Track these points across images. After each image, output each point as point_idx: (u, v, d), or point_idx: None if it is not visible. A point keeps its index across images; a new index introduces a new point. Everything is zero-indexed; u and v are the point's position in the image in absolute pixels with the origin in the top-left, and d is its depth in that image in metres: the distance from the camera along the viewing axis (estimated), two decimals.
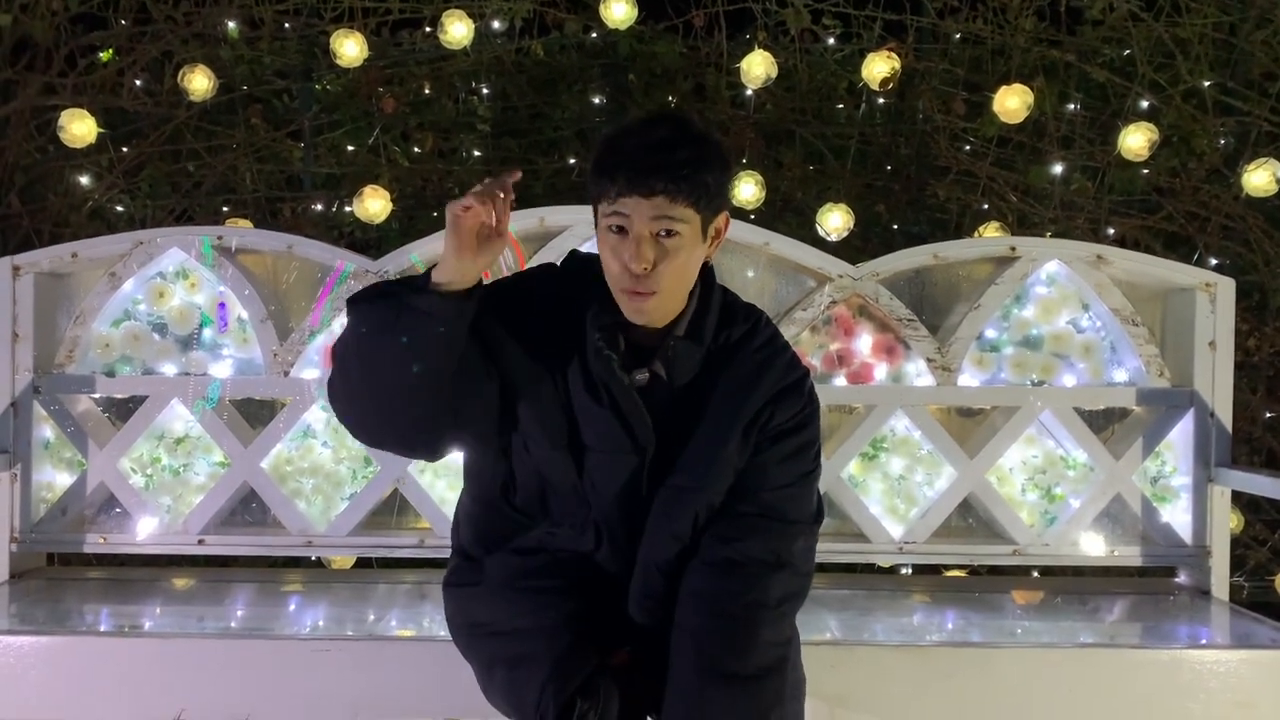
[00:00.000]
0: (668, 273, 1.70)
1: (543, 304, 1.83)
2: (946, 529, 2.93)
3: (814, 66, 3.85)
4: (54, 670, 2.35)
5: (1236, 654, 2.39)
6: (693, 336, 1.80)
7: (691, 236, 1.71)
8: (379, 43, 3.77)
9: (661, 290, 1.72)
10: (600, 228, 1.74)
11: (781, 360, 1.86)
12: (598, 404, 1.78)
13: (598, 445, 1.80)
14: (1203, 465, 2.86)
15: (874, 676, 2.38)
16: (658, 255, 1.69)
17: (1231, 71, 3.76)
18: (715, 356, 1.83)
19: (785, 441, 1.84)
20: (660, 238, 1.69)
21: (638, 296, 1.72)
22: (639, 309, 1.74)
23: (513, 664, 1.79)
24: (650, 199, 1.66)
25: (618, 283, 1.73)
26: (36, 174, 3.76)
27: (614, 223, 1.70)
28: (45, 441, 2.89)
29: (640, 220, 1.67)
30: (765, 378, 1.83)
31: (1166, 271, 2.90)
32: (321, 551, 2.92)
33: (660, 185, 1.66)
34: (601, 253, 1.75)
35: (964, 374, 2.89)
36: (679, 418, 1.81)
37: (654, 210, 1.67)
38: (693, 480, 1.80)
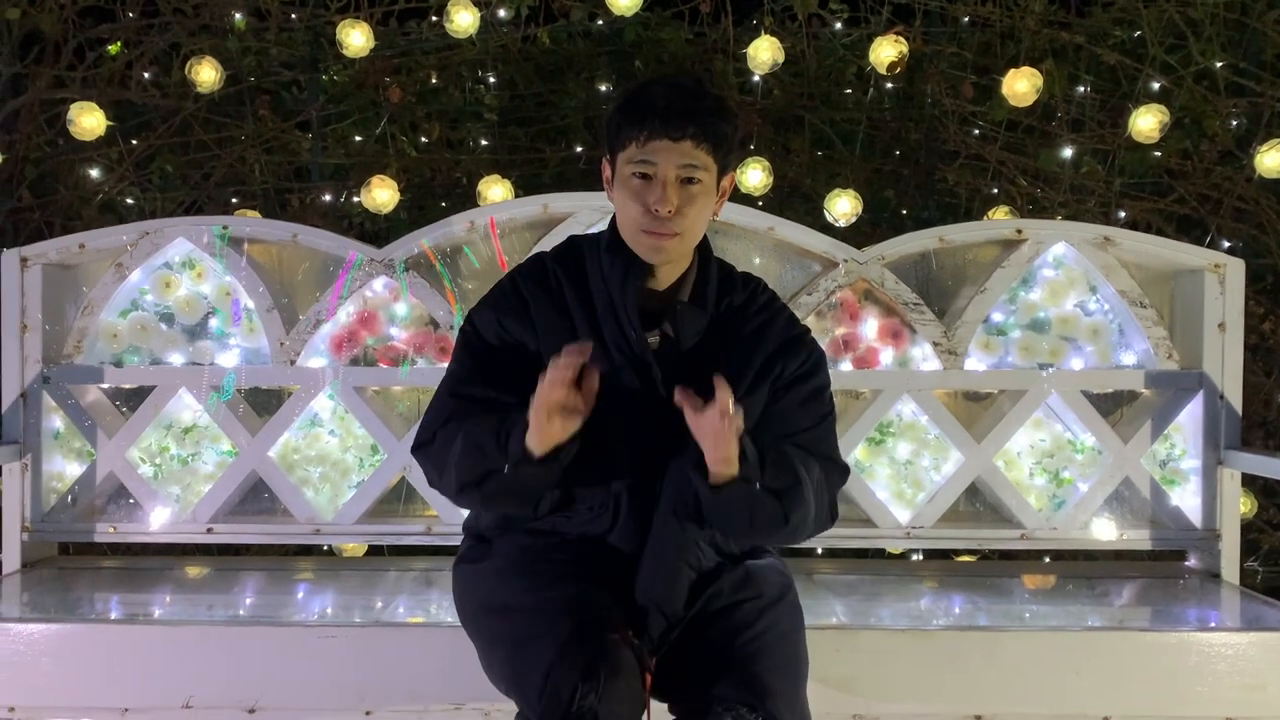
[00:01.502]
0: (690, 215, 1.80)
1: (545, 288, 1.89)
2: (954, 514, 2.92)
3: (821, 52, 3.82)
4: (65, 658, 2.37)
5: (1245, 636, 2.38)
6: (697, 302, 1.88)
7: (709, 185, 1.81)
8: (385, 33, 3.77)
9: (683, 232, 1.81)
10: (621, 176, 1.82)
11: (781, 318, 1.95)
12: (612, 363, 1.82)
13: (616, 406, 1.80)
14: (1212, 448, 2.84)
15: (880, 661, 2.38)
16: (682, 199, 1.78)
17: (1244, 52, 3.72)
18: (718, 323, 1.90)
19: (800, 387, 1.92)
20: (684, 184, 1.78)
21: (659, 236, 1.80)
22: (658, 246, 1.81)
23: (516, 645, 1.78)
24: (679, 143, 1.76)
25: (638, 224, 1.80)
26: (47, 167, 3.79)
27: (639, 169, 1.79)
28: (55, 432, 2.92)
29: (667, 164, 1.77)
30: (769, 334, 1.91)
31: (1174, 253, 2.88)
32: (329, 539, 2.94)
33: (690, 129, 1.76)
34: (621, 200, 1.83)
35: (971, 358, 2.88)
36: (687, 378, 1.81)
37: (680, 154, 1.77)
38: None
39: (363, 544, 3.17)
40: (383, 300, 2.92)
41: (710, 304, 1.89)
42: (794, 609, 1.94)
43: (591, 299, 1.87)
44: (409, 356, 2.89)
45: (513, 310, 1.88)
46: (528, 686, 1.73)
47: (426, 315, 2.90)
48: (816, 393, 1.93)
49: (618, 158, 1.82)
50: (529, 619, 1.79)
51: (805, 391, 1.92)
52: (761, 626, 1.83)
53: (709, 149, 1.78)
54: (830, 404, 1.96)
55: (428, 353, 2.88)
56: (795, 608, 1.95)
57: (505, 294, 1.90)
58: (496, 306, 1.89)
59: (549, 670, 1.70)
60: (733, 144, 1.84)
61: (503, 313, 1.88)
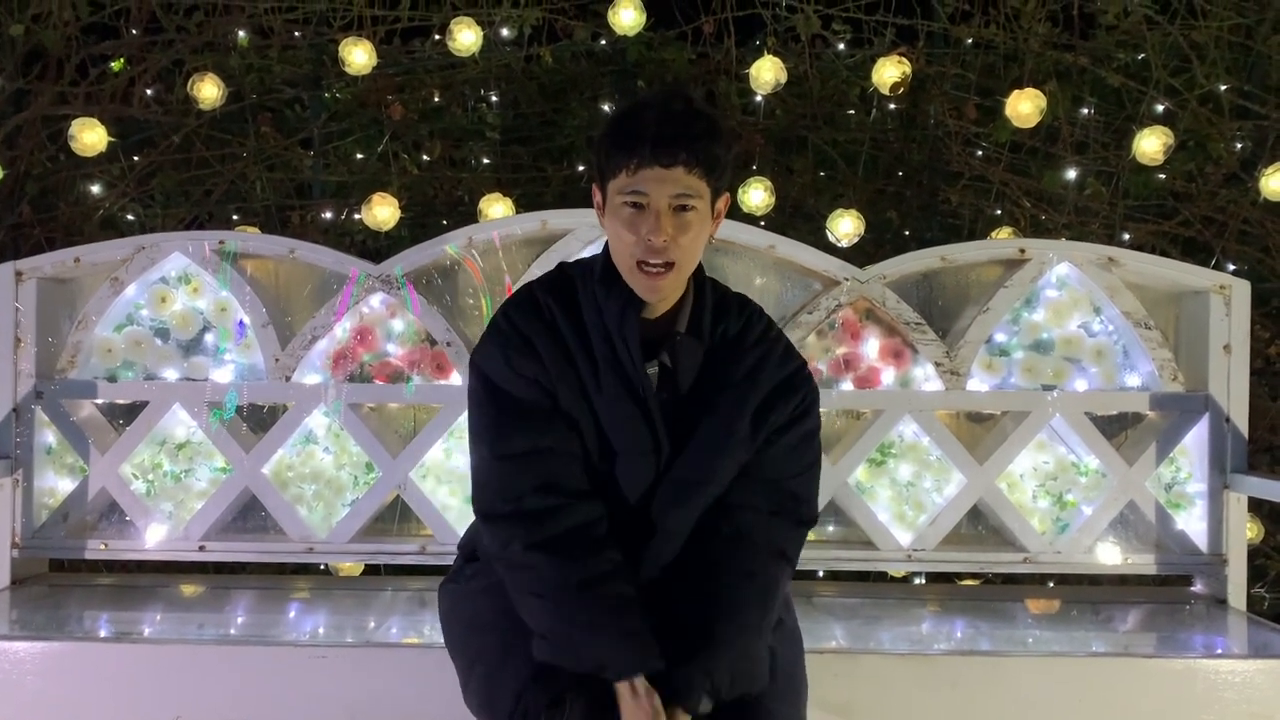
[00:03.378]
0: (685, 244, 1.74)
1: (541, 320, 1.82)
2: (956, 536, 2.88)
3: (824, 72, 3.81)
4: (52, 676, 2.35)
5: (1253, 664, 2.34)
6: (694, 333, 1.83)
7: (703, 211, 1.76)
8: (388, 51, 3.77)
9: (679, 263, 1.75)
10: (613, 205, 1.76)
11: (777, 352, 1.89)
12: (611, 399, 1.78)
13: (623, 446, 1.79)
14: (1218, 471, 2.80)
15: (881, 686, 2.35)
16: (676, 228, 1.72)
17: (1248, 75, 3.70)
18: (713, 355, 1.85)
19: (792, 431, 1.86)
20: (677, 211, 1.72)
21: (653, 272, 1.74)
22: (653, 286, 1.76)
23: (493, 665, 1.76)
24: (670, 169, 1.70)
25: (632, 255, 1.74)
26: (48, 183, 3.77)
27: (631, 199, 1.72)
28: (47, 447, 2.89)
29: (659, 194, 1.71)
30: (765, 371, 1.85)
31: (1179, 274, 2.85)
32: (323, 558, 2.91)
33: (682, 155, 1.69)
34: (613, 230, 1.77)
35: (973, 378, 2.85)
36: (683, 415, 1.81)
37: (673, 183, 1.71)
38: (699, 474, 1.80)
39: (358, 563, 3.13)
40: (379, 316, 2.89)
41: (706, 334, 1.84)
42: (793, 635, 1.92)
43: (586, 330, 1.81)
44: (406, 374, 2.86)
45: (517, 348, 1.79)
46: (498, 706, 1.70)
47: (424, 331, 2.87)
48: (806, 439, 1.89)
49: (608, 185, 1.76)
50: (509, 639, 1.76)
51: (796, 437, 1.87)
52: None
53: (701, 173, 1.72)
54: (817, 450, 1.92)
55: (424, 370, 2.86)
56: (795, 634, 1.92)
57: (504, 333, 1.81)
58: (501, 346, 1.80)
59: (520, 692, 1.68)
60: (726, 165, 1.77)
61: (509, 352, 1.79)
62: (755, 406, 1.82)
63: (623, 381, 1.78)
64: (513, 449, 1.76)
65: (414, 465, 2.82)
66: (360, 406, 2.85)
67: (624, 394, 1.78)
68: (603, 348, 1.79)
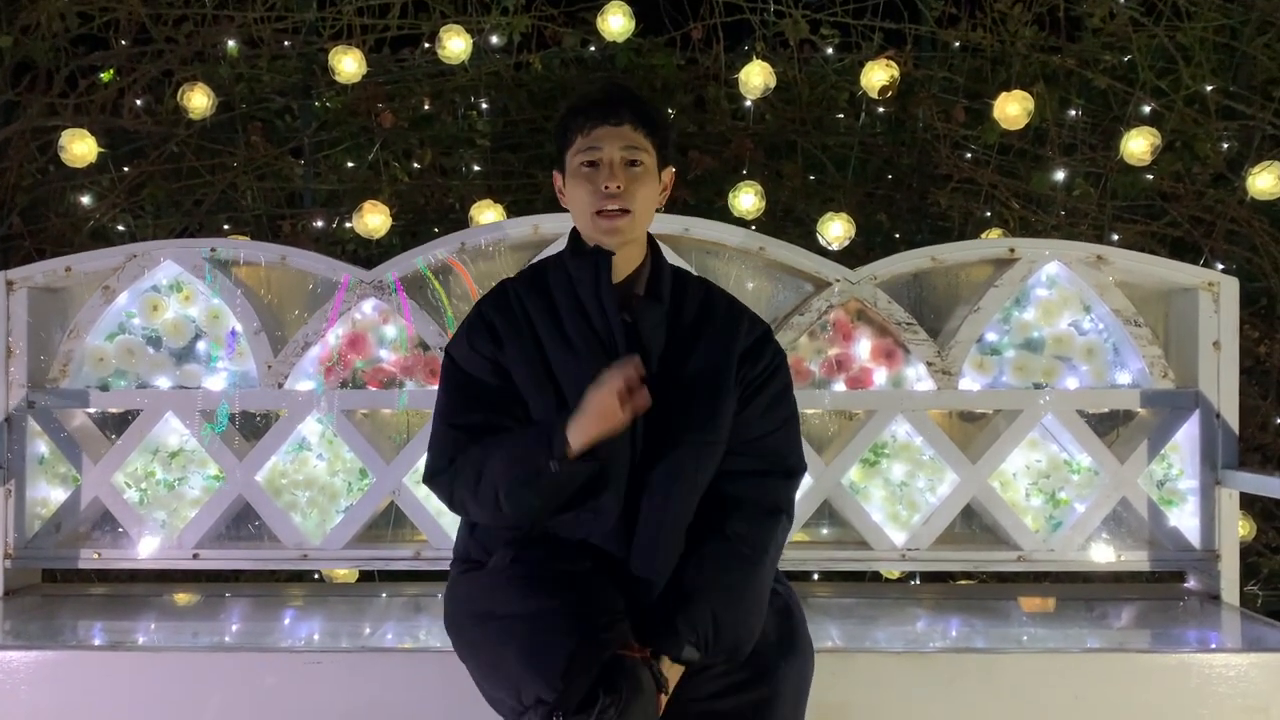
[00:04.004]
0: (638, 194, 1.93)
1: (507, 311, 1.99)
2: (950, 535, 2.88)
3: (813, 77, 3.83)
4: (47, 685, 2.34)
5: (1247, 658, 2.35)
6: (654, 295, 1.98)
7: (650, 168, 1.95)
8: (378, 59, 3.78)
9: (634, 211, 1.92)
10: (572, 170, 1.95)
11: (745, 318, 2.05)
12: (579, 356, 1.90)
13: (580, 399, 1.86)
14: (1209, 468, 2.82)
15: (876, 684, 2.35)
16: (627, 179, 1.91)
17: (1234, 76, 3.73)
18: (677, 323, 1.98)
19: (765, 390, 2.00)
20: (628, 166, 1.92)
21: (611, 214, 1.91)
22: (613, 227, 1.92)
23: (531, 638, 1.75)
24: (619, 127, 1.92)
25: (591, 207, 1.92)
26: (38, 194, 3.77)
27: (586, 158, 1.93)
28: (39, 457, 2.89)
29: (611, 147, 1.91)
30: (737, 335, 2.00)
31: (1168, 271, 2.87)
32: (317, 564, 2.90)
33: (626, 113, 1.92)
34: (573, 192, 1.96)
35: (965, 378, 2.86)
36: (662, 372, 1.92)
37: (622, 137, 1.92)
38: (713, 434, 1.93)
39: (352, 569, 3.12)
40: (372, 322, 2.90)
41: (665, 296, 1.98)
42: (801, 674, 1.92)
43: (557, 309, 1.96)
44: (399, 379, 2.86)
45: (479, 332, 1.97)
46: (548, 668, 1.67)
47: (416, 337, 2.87)
48: (779, 396, 2.02)
49: (566, 157, 1.96)
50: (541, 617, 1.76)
51: (769, 396, 2.00)
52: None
53: (646, 132, 1.93)
54: (792, 405, 2.05)
55: (417, 375, 2.86)
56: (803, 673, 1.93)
57: (474, 323, 2.00)
58: (468, 335, 1.99)
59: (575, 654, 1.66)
60: (668, 134, 1.99)
61: (474, 339, 1.97)
62: (735, 363, 1.97)
63: (594, 340, 1.92)
64: (464, 420, 1.94)
65: (408, 471, 2.82)
66: (354, 413, 2.85)
67: (598, 350, 1.90)
68: (573, 317, 1.94)
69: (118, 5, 3.71)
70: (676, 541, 1.87)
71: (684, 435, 1.90)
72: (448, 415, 1.96)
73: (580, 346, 1.91)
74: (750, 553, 1.88)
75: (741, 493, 1.93)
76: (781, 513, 1.96)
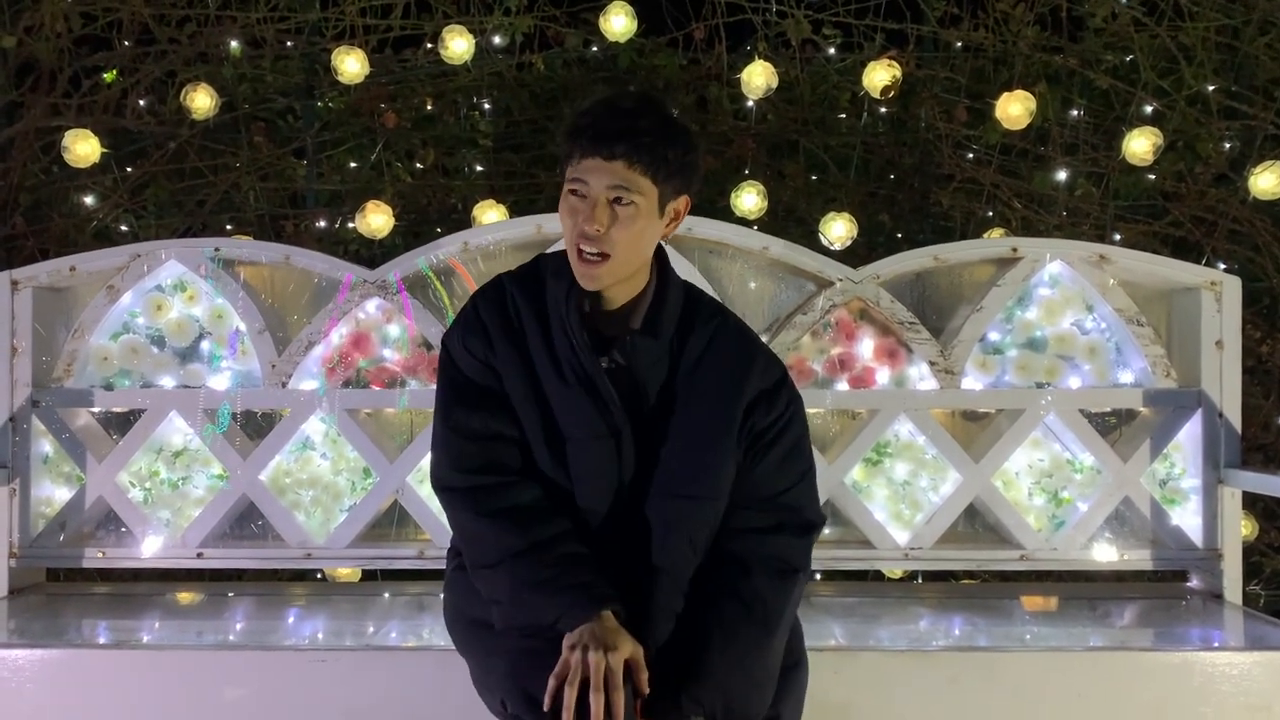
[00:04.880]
0: (619, 239, 1.76)
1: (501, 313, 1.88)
2: (953, 534, 2.88)
3: (815, 77, 3.84)
4: (52, 684, 2.35)
5: (1250, 656, 2.35)
6: (649, 331, 1.85)
7: (647, 209, 1.77)
8: (381, 60, 3.79)
9: (613, 256, 1.77)
10: (563, 193, 1.81)
11: (760, 360, 1.90)
12: (565, 384, 1.82)
13: (575, 431, 1.82)
14: (1212, 467, 2.82)
15: (879, 683, 2.35)
16: (611, 220, 1.75)
17: (1235, 76, 3.73)
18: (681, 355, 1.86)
19: (779, 444, 1.87)
20: (615, 204, 1.75)
21: (589, 261, 1.78)
22: (590, 274, 1.79)
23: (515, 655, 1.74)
24: (610, 163, 1.73)
25: (571, 241, 1.79)
26: (41, 195, 3.78)
27: (575, 186, 1.77)
28: (44, 456, 2.89)
29: (598, 183, 1.75)
30: (748, 379, 1.85)
31: (1170, 270, 2.87)
32: (321, 563, 2.91)
33: (620, 150, 1.73)
34: (562, 218, 1.81)
35: (967, 377, 2.86)
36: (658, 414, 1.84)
37: (612, 175, 1.74)
38: (702, 490, 1.81)
39: (355, 568, 3.13)
40: (375, 322, 2.90)
41: (665, 333, 1.85)
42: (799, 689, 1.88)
43: (548, 322, 1.86)
44: (403, 378, 2.87)
45: (474, 331, 1.88)
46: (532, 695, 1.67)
47: (420, 336, 2.88)
48: (795, 448, 1.89)
49: (563, 175, 1.82)
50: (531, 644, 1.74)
51: (784, 449, 1.87)
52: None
53: (643, 170, 1.74)
54: (809, 457, 1.92)
55: (421, 375, 2.86)
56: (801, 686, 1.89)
57: (469, 321, 1.90)
58: (463, 332, 1.89)
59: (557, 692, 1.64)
60: (680, 168, 1.78)
61: (468, 336, 1.88)
62: (739, 416, 1.83)
63: (578, 368, 1.82)
64: (464, 425, 1.85)
65: (411, 470, 2.82)
66: (357, 412, 2.86)
67: (582, 379, 1.81)
68: (560, 336, 1.83)
69: (121, 6, 3.72)
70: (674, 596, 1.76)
71: (672, 489, 1.80)
72: (447, 416, 1.88)
73: (570, 377, 1.82)
74: (764, 620, 1.75)
75: (756, 553, 1.81)
76: (799, 572, 1.84)
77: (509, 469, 1.83)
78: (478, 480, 1.82)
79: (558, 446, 1.83)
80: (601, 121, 1.75)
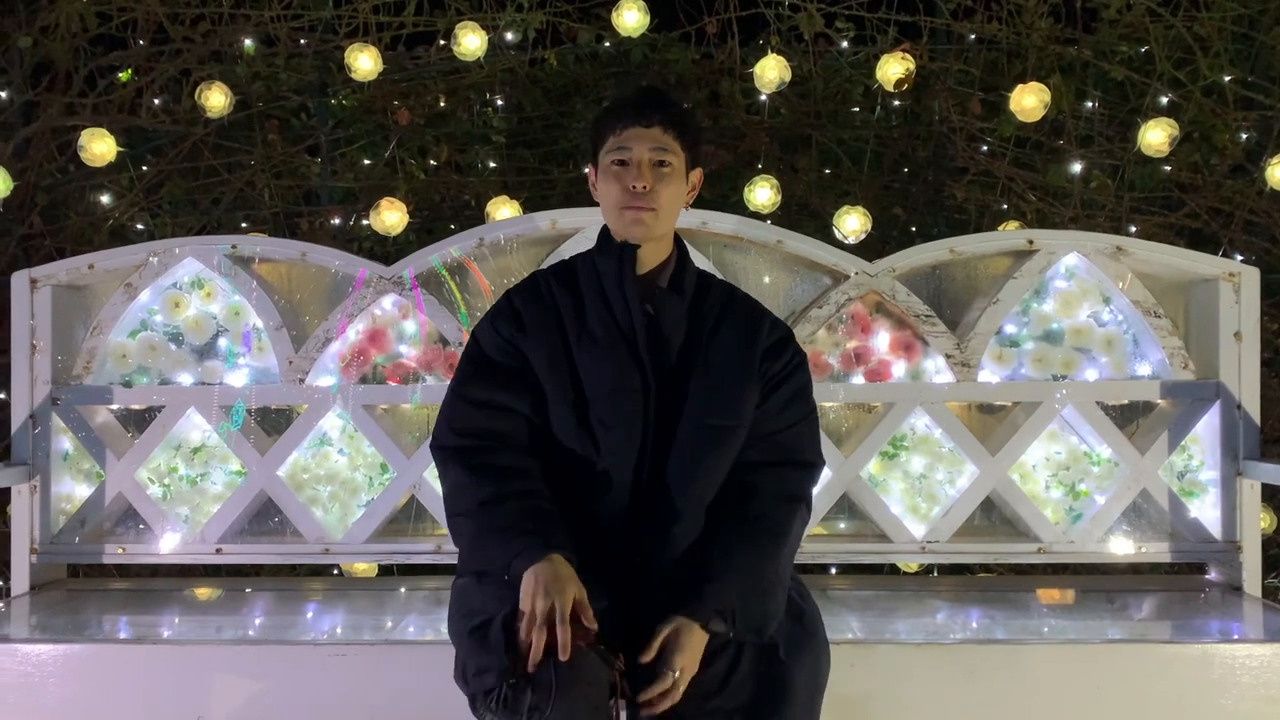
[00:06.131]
0: (663, 194, 1.98)
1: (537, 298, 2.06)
2: (969, 528, 2.88)
3: (828, 70, 3.83)
4: (73, 679, 2.37)
5: (1269, 648, 2.34)
6: (676, 289, 2.04)
7: (679, 169, 2.01)
8: (394, 57, 3.80)
9: (659, 207, 1.98)
10: (603, 168, 2.02)
11: (768, 320, 2.11)
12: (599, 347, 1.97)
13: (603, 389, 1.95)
14: (1230, 459, 2.81)
15: (897, 676, 2.35)
16: (654, 179, 1.97)
17: (1252, 66, 3.72)
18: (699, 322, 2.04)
19: (784, 387, 2.05)
20: (656, 166, 1.98)
21: (638, 210, 1.97)
22: (638, 219, 1.97)
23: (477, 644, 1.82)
24: (649, 129, 1.98)
25: (619, 203, 1.98)
26: (58, 194, 3.81)
27: (617, 157, 1.99)
28: (64, 453, 2.91)
29: (640, 148, 1.97)
30: (760, 332, 2.06)
31: (1188, 262, 2.86)
32: (339, 559, 2.91)
33: (658, 117, 1.98)
34: (604, 188, 2.02)
35: (984, 370, 2.86)
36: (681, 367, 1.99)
37: (652, 139, 1.98)
38: (734, 419, 1.98)
39: (373, 564, 3.14)
40: (392, 318, 2.91)
41: (688, 292, 2.05)
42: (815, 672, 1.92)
43: (583, 303, 2.03)
44: (419, 374, 2.88)
45: (505, 316, 2.05)
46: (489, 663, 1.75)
47: (436, 333, 2.89)
48: (799, 392, 2.07)
49: (599, 155, 2.03)
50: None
51: (789, 391, 2.05)
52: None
53: (675, 135, 1.99)
54: (811, 403, 2.10)
55: (437, 370, 2.87)
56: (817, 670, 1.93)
57: (501, 309, 2.08)
58: (493, 319, 2.06)
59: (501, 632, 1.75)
60: (697, 137, 2.05)
61: (498, 322, 2.05)
62: (758, 356, 2.03)
63: (615, 331, 1.98)
64: (473, 395, 2.00)
65: (428, 466, 2.82)
66: (374, 408, 2.87)
67: (619, 340, 1.98)
68: (597, 310, 2.00)
69: (135, 5, 3.74)
70: (695, 522, 1.93)
71: (705, 419, 1.96)
72: (459, 386, 2.03)
73: (602, 337, 1.98)
74: (772, 534, 1.93)
75: (760, 481, 1.98)
76: (800, 501, 2.00)
77: (504, 436, 1.98)
78: (470, 441, 1.98)
79: (583, 409, 1.96)
80: (639, 97, 2.02)
